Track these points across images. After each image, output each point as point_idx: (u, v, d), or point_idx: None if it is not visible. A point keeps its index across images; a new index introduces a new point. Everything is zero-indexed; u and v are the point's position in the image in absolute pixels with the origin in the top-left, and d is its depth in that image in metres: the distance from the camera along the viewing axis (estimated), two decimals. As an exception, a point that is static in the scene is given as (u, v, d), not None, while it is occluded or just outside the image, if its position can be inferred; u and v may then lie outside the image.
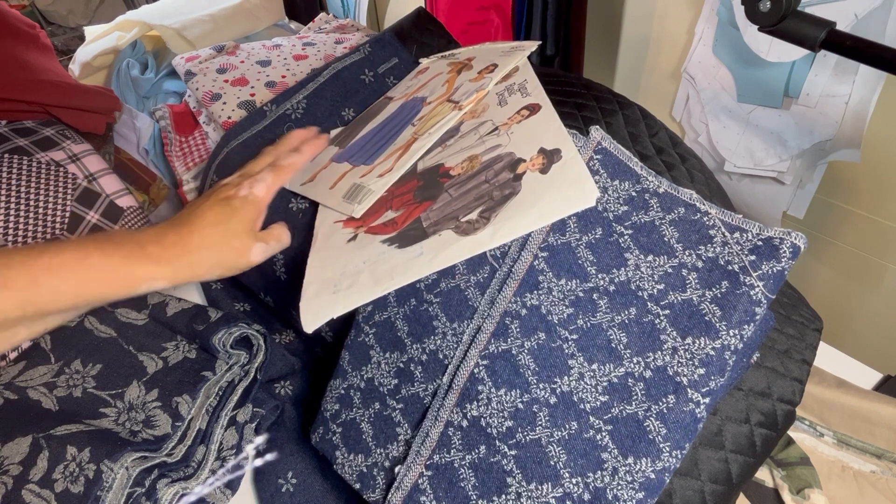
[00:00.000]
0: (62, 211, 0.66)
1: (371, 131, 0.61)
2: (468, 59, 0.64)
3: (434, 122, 0.56)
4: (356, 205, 0.53)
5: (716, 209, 0.44)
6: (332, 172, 0.59)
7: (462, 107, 0.56)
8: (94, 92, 0.78)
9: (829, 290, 1.03)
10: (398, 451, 0.46)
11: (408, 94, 0.64)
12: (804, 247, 0.41)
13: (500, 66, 0.59)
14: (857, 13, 0.76)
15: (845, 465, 0.54)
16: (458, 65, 0.63)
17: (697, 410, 0.39)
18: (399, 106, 0.63)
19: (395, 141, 0.58)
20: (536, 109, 0.52)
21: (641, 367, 0.41)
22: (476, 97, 0.57)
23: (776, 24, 0.58)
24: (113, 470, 0.46)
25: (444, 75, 0.63)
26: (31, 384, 0.55)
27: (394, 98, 0.65)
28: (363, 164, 0.57)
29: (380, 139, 0.59)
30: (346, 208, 0.54)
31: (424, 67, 0.68)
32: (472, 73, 0.60)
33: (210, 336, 0.55)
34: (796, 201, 0.98)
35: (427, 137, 0.55)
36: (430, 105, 0.59)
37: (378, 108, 0.64)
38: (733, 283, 0.41)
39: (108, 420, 0.52)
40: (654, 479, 0.39)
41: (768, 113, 0.92)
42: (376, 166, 0.56)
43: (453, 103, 0.57)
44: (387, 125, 0.61)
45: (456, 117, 0.56)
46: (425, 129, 0.56)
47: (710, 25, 0.95)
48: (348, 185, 0.56)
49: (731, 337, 0.40)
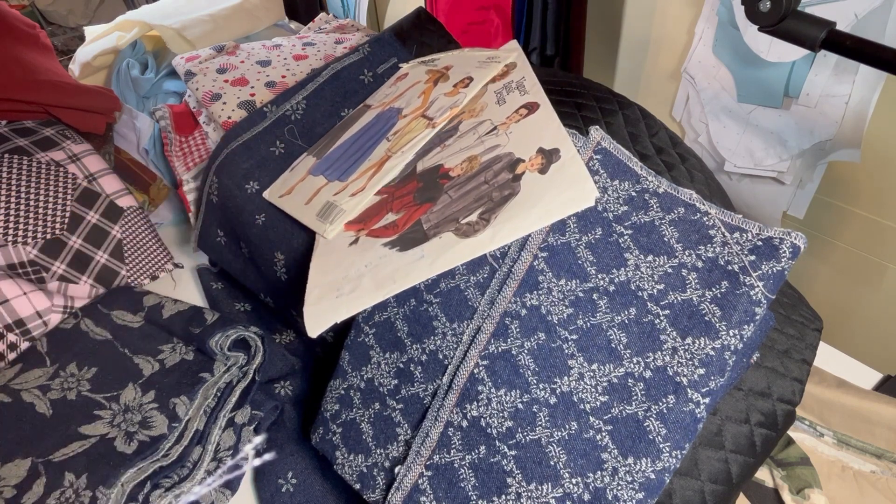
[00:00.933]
0: (62, 211, 0.66)
1: (347, 141, 0.61)
2: (446, 68, 0.63)
3: (408, 140, 0.57)
4: (328, 225, 0.54)
5: (716, 209, 0.44)
6: (308, 186, 0.59)
7: (436, 124, 0.57)
8: (94, 92, 0.78)
9: (829, 290, 1.03)
10: (398, 451, 0.46)
11: (385, 102, 0.64)
12: (804, 247, 0.41)
13: (475, 79, 0.59)
14: (857, 13, 0.76)
15: (845, 465, 0.54)
16: (436, 73, 0.63)
17: (697, 410, 0.39)
18: (375, 116, 0.63)
19: (370, 156, 0.58)
20: (535, 108, 0.52)
21: (641, 368, 0.41)
22: (450, 113, 0.57)
23: (776, 24, 0.58)
24: (107, 495, 0.47)
25: (422, 85, 0.63)
26: (25, 387, 0.55)
27: (372, 106, 0.65)
28: (337, 179, 0.58)
29: (355, 151, 0.60)
30: (319, 227, 0.54)
31: (404, 73, 0.67)
32: (448, 86, 0.60)
33: (207, 339, 0.55)
34: (796, 201, 0.98)
35: (400, 156, 0.56)
36: (405, 119, 0.60)
37: (356, 117, 0.65)
38: (733, 284, 0.41)
39: (103, 423, 0.52)
40: (654, 480, 0.39)
41: (768, 113, 0.92)
42: (350, 184, 0.56)
43: (427, 119, 0.57)
44: (362, 136, 0.61)
45: (430, 135, 0.56)
46: (399, 147, 0.57)
47: (710, 25, 0.95)
48: (322, 202, 0.56)
49: (731, 337, 0.40)
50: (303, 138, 0.65)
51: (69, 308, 0.64)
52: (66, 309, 0.64)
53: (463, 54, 0.66)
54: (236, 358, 0.56)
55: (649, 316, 0.42)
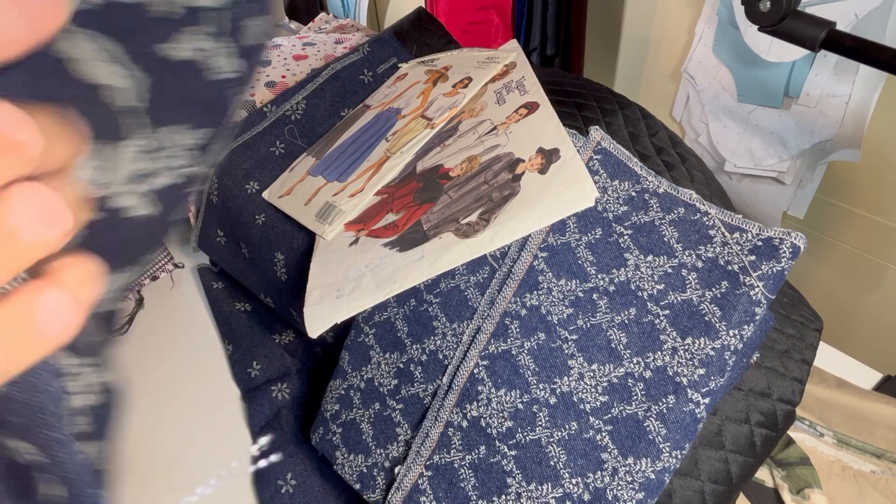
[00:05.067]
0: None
1: (346, 141, 0.61)
2: (445, 68, 0.63)
3: (406, 140, 0.57)
4: (327, 226, 0.54)
5: (715, 209, 0.44)
6: (307, 186, 0.59)
7: (435, 125, 0.57)
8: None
9: (829, 290, 1.03)
10: (398, 451, 0.46)
11: (385, 102, 0.64)
12: (804, 247, 0.41)
13: (474, 79, 0.59)
14: (857, 13, 0.76)
15: (845, 465, 0.54)
16: (435, 74, 0.63)
17: (697, 411, 0.39)
18: (374, 116, 0.63)
19: (369, 157, 0.58)
20: (535, 108, 0.52)
21: (641, 368, 0.41)
22: (449, 114, 0.57)
23: (776, 24, 0.58)
24: None
25: (421, 85, 0.63)
26: None
27: (371, 106, 0.65)
28: (336, 180, 0.58)
29: (353, 151, 0.60)
30: (318, 228, 0.54)
31: (403, 73, 0.67)
32: (447, 87, 0.60)
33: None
34: (796, 201, 0.98)
35: (399, 157, 0.56)
36: (404, 119, 0.59)
37: (355, 117, 0.64)
38: (733, 284, 0.41)
39: None
40: (654, 480, 0.39)
41: (768, 113, 0.92)
42: (348, 185, 0.56)
43: (427, 120, 0.57)
44: (361, 136, 0.61)
45: (429, 135, 0.56)
46: (398, 147, 0.56)
47: (710, 25, 0.95)
48: (321, 203, 0.56)
49: (731, 337, 0.40)
50: (303, 138, 0.65)
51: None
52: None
53: (462, 54, 0.66)
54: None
55: (649, 316, 0.42)
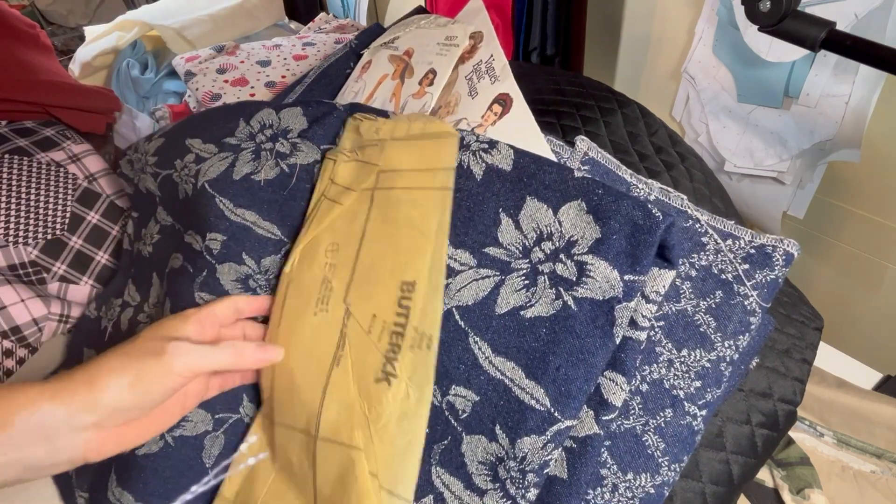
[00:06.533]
0: (62, 211, 0.66)
1: None
2: (407, 54, 0.61)
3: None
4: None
5: (707, 215, 0.43)
6: None
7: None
8: (94, 92, 0.78)
9: (829, 290, 1.03)
10: None
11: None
12: (797, 254, 0.40)
13: (438, 73, 0.58)
14: (857, 13, 0.76)
15: (845, 465, 0.54)
16: (400, 63, 0.61)
17: (695, 423, 0.39)
18: None
19: None
20: (509, 104, 0.51)
21: (638, 381, 0.40)
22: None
23: (776, 24, 0.58)
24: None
25: (389, 82, 0.61)
26: None
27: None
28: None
29: None
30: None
31: (367, 61, 0.65)
32: (414, 84, 0.59)
33: None
34: (796, 201, 0.97)
35: None
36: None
37: None
38: (727, 293, 0.40)
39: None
40: (653, 494, 0.38)
41: (768, 113, 0.92)
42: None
43: None
44: None
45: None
46: None
47: (710, 25, 0.95)
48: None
49: (727, 348, 0.39)
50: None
51: (65, 317, 0.64)
52: (63, 318, 0.64)
53: (421, 32, 0.63)
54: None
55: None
